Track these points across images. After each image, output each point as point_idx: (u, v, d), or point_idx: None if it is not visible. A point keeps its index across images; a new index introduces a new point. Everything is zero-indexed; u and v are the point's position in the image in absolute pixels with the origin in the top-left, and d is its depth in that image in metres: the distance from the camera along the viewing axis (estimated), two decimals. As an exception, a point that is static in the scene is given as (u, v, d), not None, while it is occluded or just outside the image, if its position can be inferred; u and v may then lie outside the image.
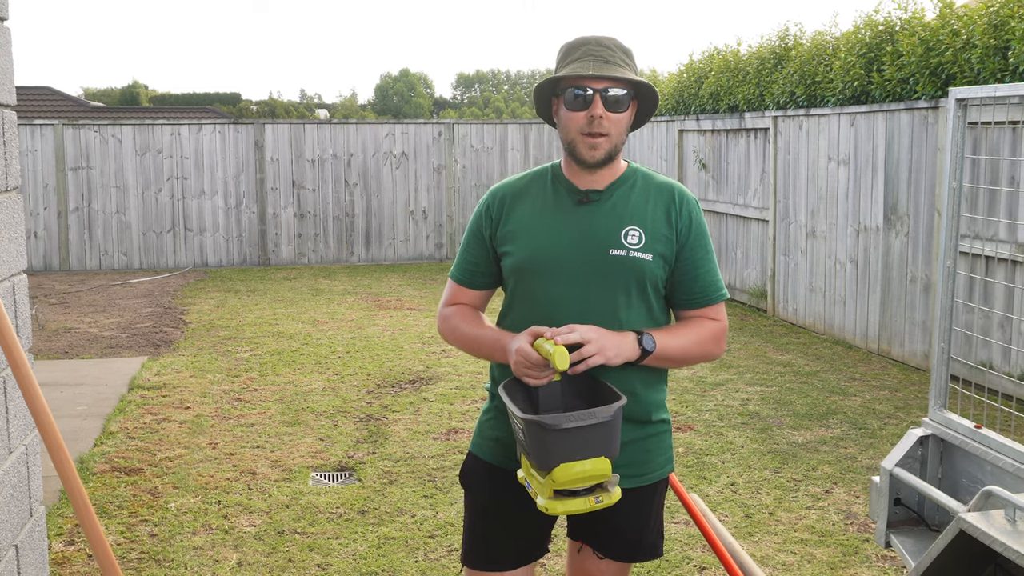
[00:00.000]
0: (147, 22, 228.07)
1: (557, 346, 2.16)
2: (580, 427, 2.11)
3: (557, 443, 2.12)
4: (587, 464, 2.13)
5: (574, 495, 2.17)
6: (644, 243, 2.34)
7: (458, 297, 2.53)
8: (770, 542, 4.33)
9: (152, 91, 79.69)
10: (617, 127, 2.32)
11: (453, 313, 2.51)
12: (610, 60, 2.31)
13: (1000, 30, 6.60)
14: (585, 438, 2.12)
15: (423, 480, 5.13)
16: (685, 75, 12.06)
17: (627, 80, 2.31)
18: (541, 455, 2.15)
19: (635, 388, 2.36)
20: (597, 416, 2.12)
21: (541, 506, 2.18)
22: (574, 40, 2.38)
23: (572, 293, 2.33)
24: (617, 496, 2.20)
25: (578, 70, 2.29)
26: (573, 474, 2.12)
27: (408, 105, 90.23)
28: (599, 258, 2.33)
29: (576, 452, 2.12)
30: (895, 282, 7.81)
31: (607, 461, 2.15)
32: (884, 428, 5.99)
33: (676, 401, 6.60)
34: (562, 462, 2.12)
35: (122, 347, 8.47)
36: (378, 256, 14.11)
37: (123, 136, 13.30)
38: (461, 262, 2.52)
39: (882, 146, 7.90)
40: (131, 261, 13.44)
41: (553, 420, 2.12)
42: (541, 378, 2.21)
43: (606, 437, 2.14)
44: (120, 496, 4.88)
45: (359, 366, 7.67)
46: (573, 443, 2.12)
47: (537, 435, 2.14)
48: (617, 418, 2.15)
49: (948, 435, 3.14)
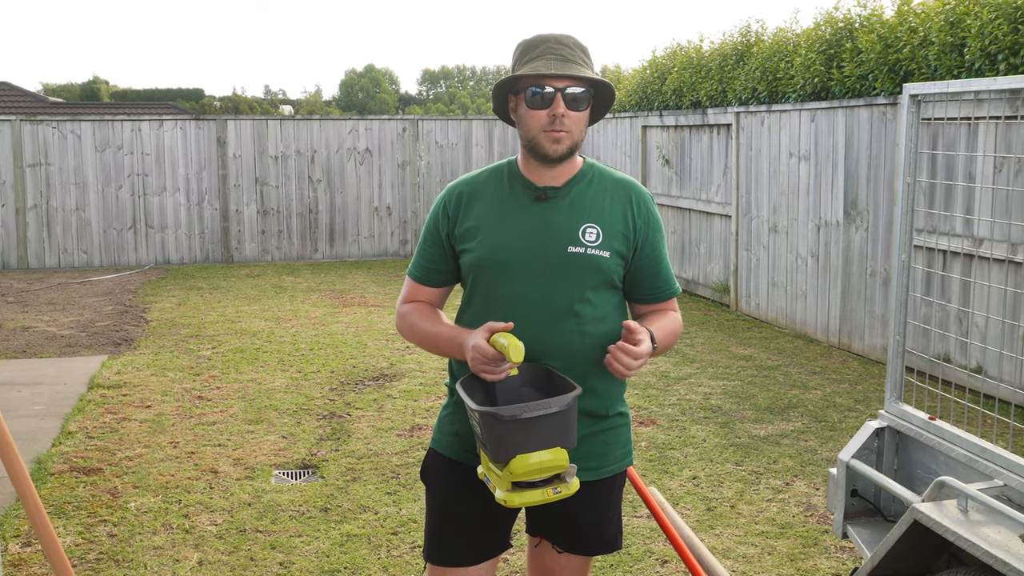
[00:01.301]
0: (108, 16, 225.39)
1: (512, 339, 2.17)
2: (534, 417, 2.11)
3: (512, 434, 2.12)
4: (543, 455, 2.13)
5: (532, 487, 2.17)
6: (602, 240, 2.35)
7: (416, 294, 2.53)
8: (731, 535, 4.37)
9: (113, 87, 78.71)
10: (578, 125, 2.33)
11: (411, 310, 2.51)
12: (570, 59, 2.32)
13: (956, 27, 6.69)
14: (540, 429, 2.12)
15: (386, 477, 5.11)
16: (648, 71, 12.10)
17: (587, 79, 2.32)
18: (497, 447, 2.15)
19: (593, 382, 2.37)
20: (551, 406, 2.12)
21: (499, 499, 2.18)
22: (532, 38, 2.38)
23: (530, 290, 2.34)
24: (575, 487, 2.20)
25: (539, 68, 2.29)
26: (530, 465, 2.13)
27: (373, 101, 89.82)
28: (557, 255, 2.34)
29: (532, 443, 2.13)
30: (855, 276, 7.90)
31: (564, 452, 2.15)
32: (844, 421, 6.06)
33: (639, 396, 6.63)
34: (518, 453, 2.13)
35: (82, 346, 8.36)
36: (342, 253, 14.04)
37: (83, 132, 13.12)
38: (418, 259, 2.52)
39: (842, 142, 7.98)
40: (91, 259, 13.27)
41: (507, 411, 2.12)
42: (498, 373, 2.21)
43: (562, 427, 2.15)
44: (79, 496, 4.82)
45: (322, 363, 7.63)
46: (528, 434, 2.12)
47: (492, 427, 2.14)
48: (572, 408, 2.16)
49: (903, 427, 3.19)
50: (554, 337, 2.33)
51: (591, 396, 2.36)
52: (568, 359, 2.33)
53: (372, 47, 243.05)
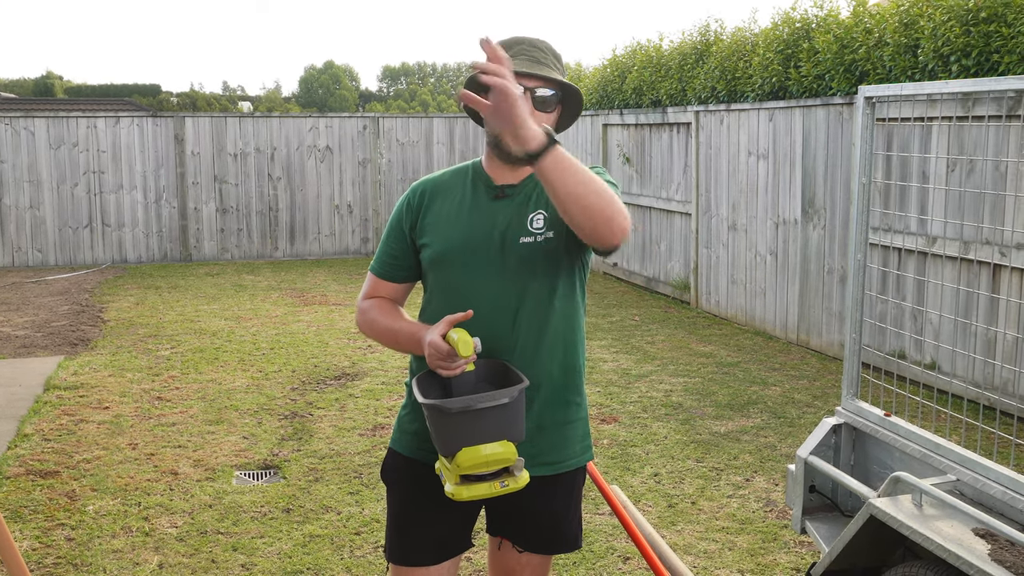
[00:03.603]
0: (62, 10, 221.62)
1: (462, 334, 2.17)
2: (478, 410, 2.11)
3: (457, 427, 2.12)
4: (489, 448, 2.13)
5: (480, 480, 2.17)
6: (547, 222, 2.35)
7: (377, 290, 2.54)
8: (692, 531, 4.41)
9: (67, 82, 77.52)
10: (545, 125, 2.34)
11: (371, 306, 2.52)
12: (542, 61, 2.35)
13: (910, 29, 6.80)
14: (485, 421, 2.12)
15: (349, 477, 5.10)
16: (609, 69, 12.16)
17: (556, 81, 2.34)
18: (443, 440, 2.15)
19: (552, 373, 2.39)
20: (495, 398, 2.12)
21: (448, 492, 2.18)
22: (507, 39, 2.41)
23: (487, 284, 2.35)
24: (524, 481, 2.19)
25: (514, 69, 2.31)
26: (476, 458, 2.12)
27: (333, 98, 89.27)
28: (511, 248, 2.35)
29: (477, 436, 2.12)
30: (813, 274, 8.01)
31: (511, 444, 2.15)
32: (803, 417, 6.14)
33: (600, 393, 6.67)
34: (464, 446, 2.13)
35: (37, 346, 8.23)
36: (303, 251, 13.96)
37: (36, 129, 12.90)
38: (381, 255, 2.53)
39: (799, 141, 8.08)
40: (46, 258, 13.06)
41: (451, 403, 2.12)
42: (453, 369, 2.22)
43: (508, 420, 2.14)
44: (35, 500, 4.75)
45: (283, 363, 7.58)
46: (474, 427, 2.12)
47: (437, 420, 2.15)
48: (519, 401, 2.15)
49: (860, 423, 3.24)
50: (512, 331, 2.34)
51: (550, 388, 2.38)
52: (527, 352, 2.35)
53: (332, 43, 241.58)
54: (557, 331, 2.39)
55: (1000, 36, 5.99)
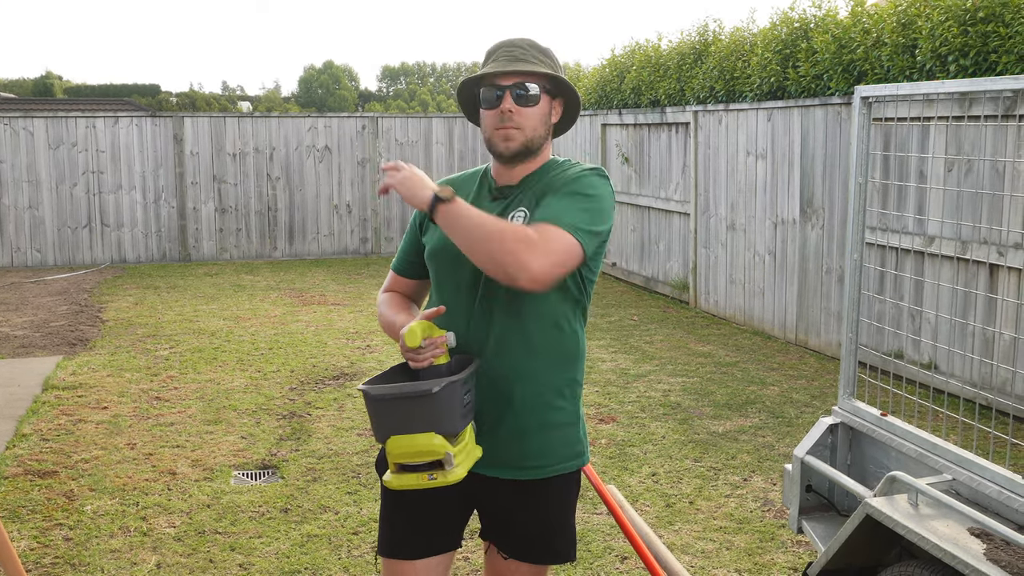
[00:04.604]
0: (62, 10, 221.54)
1: (411, 326, 2.20)
2: (400, 397, 2.12)
3: (381, 415, 2.15)
4: (415, 439, 2.12)
5: (412, 470, 2.18)
6: (528, 220, 2.33)
7: (393, 284, 2.63)
8: (690, 530, 4.42)
9: (67, 82, 77.52)
10: (530, 121, 2.35)
11: (385, 300, 2.60)
12: (521, 58, 2.36)
13: (908, 29, 6.80)
14: (408, 412, 2.12)
15: (347, 477, 5.10)
16: (607, 69, 12.16)
17: (534, 73, 2.34)
18: (375, 427, 2.18)
19: (534, 373, 2.36)
20: (417, 388, 2.12)
21: (385, 480, 2.22)
22: (494, 44, 2.45)
23: (470, 282, 2.38)
24: (456, 476, 2.16)
25: (488, 70, 2.36)
26: (403, 448, 2.14)
27: (333, 98, 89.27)
28: None
29: (402, 426, 2.13)
30: (811, 274, 8.01)
31: (436, 437, 2.12)
32: (801, 417, 6.14)
33: (599, 393, 6.68)
34: (391, 435, 2.14)
35: (36, 346, 8.24)
36: (302, 251, 13.96)
37: (35, 129, 12.90)
38: (400, 251, 2.63)
39: (798, 141, 8.09)
40: (45, 258, 13.07)
41: (373, 390, 2.14)
42: (420, 361, 2.25)
43: (433, 412, 2.13)
44: (33, 500, 4.76)
45: (282, 363, 7.59)
46: (396, 416, 2.13)
47: (368, 406, 2.17)
48: (449, 393, 2.13)
49: (856, 423, 3.25)
50: (492, 327, 2.35)
51: (532, 383, 2.36)
52: (506, 348, 2.35)
53: (332, 43, 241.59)
54: (536, 329, 2.36)
55: (998, 36, 5.99)
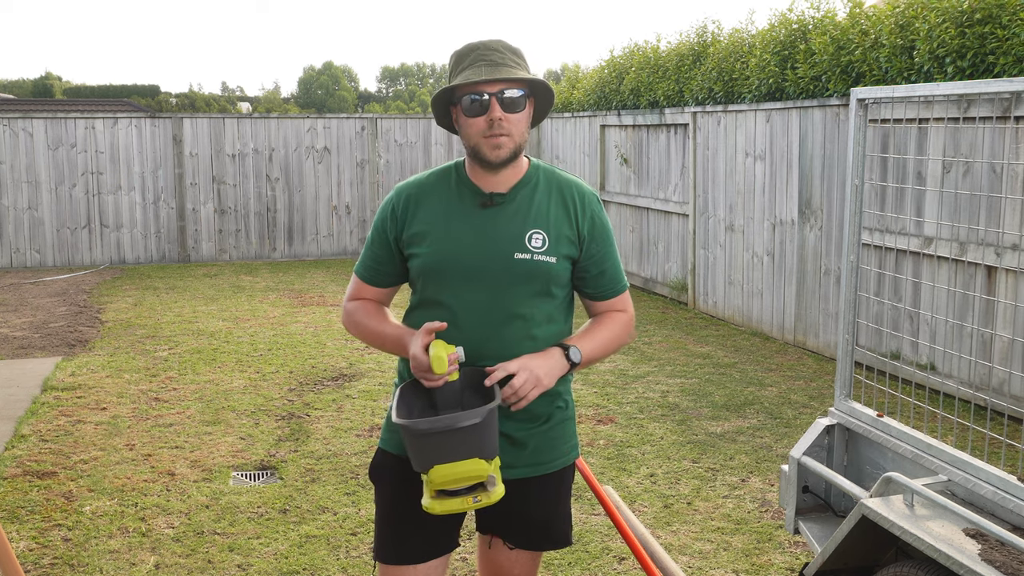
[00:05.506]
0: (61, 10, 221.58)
1: (438, 351, 2.20)
2: (442, 432, 2.12)
3: (428, 445, 2.14)
4: (461, 466, 2.14)
5: (454, 495, 2.19)
6: (548, 246, 2.38)
7: (362, 292, 2.57)
8: (688, 531, 4.43)
9: (66, 83, 77.52)
10: (518, 127, 2.37)
11: (357, 308, 2.55)
12: (501, 63, 2.36)
13: (906, 30, 6.82)
14: (456, 440, 2.13)
15: (346, 477, 5.11)
16: (606, 71, 12.17)
17: (520, 80, 2.35)
18: (416, 457, 2.18)
19: None
20: (464, 419, 2.12)
21: (424, 506, 2.21)
22: (462, 48, 2.42)
23: (477, 297, 2.37)
24: (497, 496, 2.21)
25: (471, 77, 2.32)
26: (448, 475, 2.14)
27: (332, 99, 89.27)
28: (503, 262, 2.37)
29: (449, 454, 2.13)
30: (809, 275, 8.02)
31: (481, 462, 2.16)
32: (799, 418, 6.15)
33: (597, 394, 6.69)
34: (436, 463, 2.14)
35: (35, 347, 8.24)
36: (301, 252, 13.97)
37: (34, 130, 12.91)
38: (365, 259, 2.55)
39: (796, 142, 8.10)
40: (44, 258, 13.07)
41: (418, 425, 2.14)
42: (435, 380, 2.25)
43: (479, 439, 2.15)
44: (32, 500, 4.76)
45: (281, 363, 7.59)
46: (445, 445, 2.13)
47: (408, 439, 2.17)
48: (490, 419, 2.15)
49: (852, 424, 3.26)
50: (502, 342, 2.36)
51: (538, 398, 2.39)
52: (516, 352, 2.36)
53: (331, 44, 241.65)
54: (546, 339, 2.42)
55: (995, 38, 6.01)
